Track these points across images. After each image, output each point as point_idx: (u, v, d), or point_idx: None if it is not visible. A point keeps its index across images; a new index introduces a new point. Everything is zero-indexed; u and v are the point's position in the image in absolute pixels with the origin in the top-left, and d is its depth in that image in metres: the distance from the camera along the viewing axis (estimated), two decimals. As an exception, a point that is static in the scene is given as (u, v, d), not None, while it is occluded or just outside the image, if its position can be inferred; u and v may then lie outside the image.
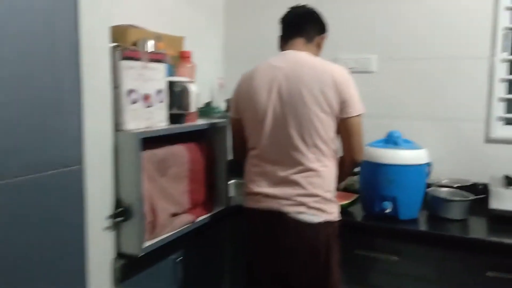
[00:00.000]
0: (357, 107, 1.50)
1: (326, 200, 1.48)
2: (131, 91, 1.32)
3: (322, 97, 1.46)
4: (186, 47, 1.86)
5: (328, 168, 1.50)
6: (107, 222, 1.30)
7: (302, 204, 1.45)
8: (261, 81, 1.53)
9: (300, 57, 1.54)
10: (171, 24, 2.03)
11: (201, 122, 1.72)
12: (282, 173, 1.48)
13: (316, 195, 1.46)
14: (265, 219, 1.50)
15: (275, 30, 1.68)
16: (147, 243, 1.38)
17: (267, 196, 1.50)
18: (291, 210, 1.45)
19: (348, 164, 1.59)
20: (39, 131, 1.07)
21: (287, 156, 1.48)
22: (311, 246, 1.46)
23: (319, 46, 1.65)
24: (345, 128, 1.51)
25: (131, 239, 1.33)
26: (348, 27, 2.26)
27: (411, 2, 2.15)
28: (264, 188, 1.51)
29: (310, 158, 1.47)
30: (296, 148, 1.47)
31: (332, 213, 1.49)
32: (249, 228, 1.58)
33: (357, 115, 1.51)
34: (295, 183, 1.46)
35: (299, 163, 1.47)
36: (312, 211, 1.45)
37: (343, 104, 1.48)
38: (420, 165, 1.74)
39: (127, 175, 1.31)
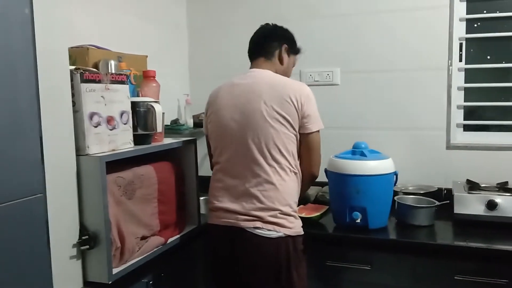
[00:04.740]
0: (316, 123, 1.54)
1: (284, 214, 1.48)
2: (93, 114, 1.29)
3: (280, 112, 1.48)
4: (150, 65, 1.84)
5: (287, 182, 1.50)
6: (73, 251, 1.25)
7: (258, 219, 1.46)
8: (224, 99, 1.57)
9: (261, 74, 1.57)
10: (133, 43, 2.01)
11: (168, 140, 1.70)
12: (242, 187, 1.50)
13: (273, 209, 1.46)
14: (225, 235, 1.51)
15: (238, 46, 1.70)
16: (116, 270, 1.34)
17: (227, 211, 1.51)
18: (248, 225, 1.46)
19: (306, 178, 1.60)
20: (-4, 161, 1.02)
21: (247, 169, 1.50)
22: (271, 262, 1.46)
23: (281, 59, 1.65)
24: (305, 143, 1.55)
25: (99, 267, 1.28)
26: (310, 42, 2.28)
27: (367, 17, 2.21)
28: (225, 203, 1.52)
29: (268, 171, 1.48)
30: (255, 161, 1.49)
31: (291, 227, 1.49)
32: (211, 245, 1.59)
33: (316, 131, 1.54)
34: (253, 197, 1.48)
35: (257, 176, 1.48)
36: (268, 226, 1.45)
37: (303, 120, 1.51)
38: (387, 174, 1.77)
39: (92, 201, 1.27)
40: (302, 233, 1.54)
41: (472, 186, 1.90)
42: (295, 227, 1.51)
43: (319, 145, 1.57)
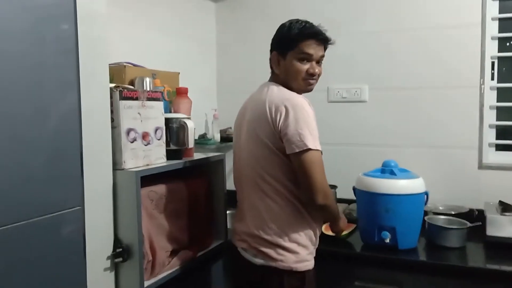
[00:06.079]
0: (298, 143, 1.26)
1: (271, 244, 1.34)
2: (130, 130, 1.33)
3: (256, 131, 1.35)
4: (180, 80, 1.88)
5: (274, 210, 1.34)
6: (107, 263, 1.28)
7: (244, 241, 1.40)
8: (238, 115, 1.53)
9: (259, 90, 1.46)
10: (165, 59, 2.05)
11: (198, 155, 1.72)
12: (241, 208, 1.47)
13: (256, 236, 1.36)
14: (230, 253, 1.51)
15: (265, 61, 1.71)
16: (147, 283, 1.36)
17: (234, 230, 1.50)
18: (238, 245, 1.43)
19: (310, 207, 1.34)
20: (39, 174, 1.06)
21: (243, 192, 1.45)
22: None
23: (274, 69, 1.45)
24: (295, 166, 1.29)
25: (131, 279, 1.30)
26: (338, 58, 2.30)
27: (397, 34, 2.21)
28: (236, 220, 1.51)
29: (254, 197, 1.39)
30: (245, 185, 1.43)
31: (278, 260, 1.32)
32: None
33: (301, 151, 1.26)
34: (244, 219, 1.43)
35: (248, 199, 1.42)
36: (253, 251, 1.37)
37: (283, 139, 1.29)
38: (418, 194, 1.75)
39: (127, 215, 1.30)
40: (301, 269, 1.34)
41: (505, 208, 1.85)
42: (287, 261, 1.33)
43: (312, 168, 1.26)
